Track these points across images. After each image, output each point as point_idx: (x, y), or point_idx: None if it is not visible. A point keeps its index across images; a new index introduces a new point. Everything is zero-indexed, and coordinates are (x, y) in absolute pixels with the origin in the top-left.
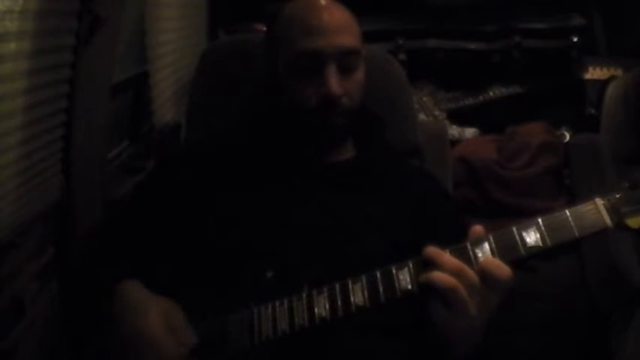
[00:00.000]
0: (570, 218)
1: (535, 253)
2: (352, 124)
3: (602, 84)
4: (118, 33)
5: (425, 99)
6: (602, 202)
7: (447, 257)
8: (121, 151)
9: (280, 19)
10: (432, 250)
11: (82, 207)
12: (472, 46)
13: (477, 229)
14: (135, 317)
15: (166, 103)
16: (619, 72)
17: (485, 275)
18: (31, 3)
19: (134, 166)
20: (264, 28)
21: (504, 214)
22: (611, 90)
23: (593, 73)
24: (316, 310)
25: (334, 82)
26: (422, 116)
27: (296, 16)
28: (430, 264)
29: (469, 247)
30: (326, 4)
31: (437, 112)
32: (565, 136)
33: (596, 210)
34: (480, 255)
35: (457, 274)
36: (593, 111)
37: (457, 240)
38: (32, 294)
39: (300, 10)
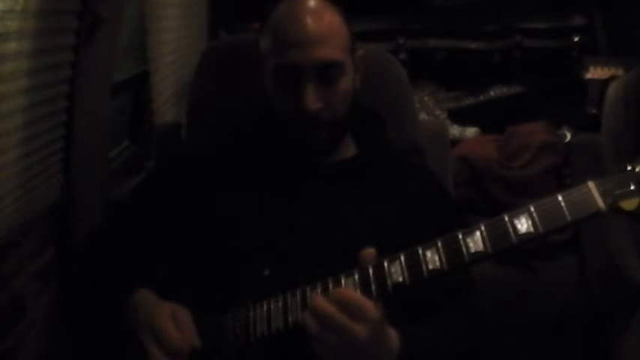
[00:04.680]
0: (563, 203)
1: (527, 240)
2: (337, 135)
3: (603, 84)
4: (119, 32)
5: (426, 98)
6: (595, 185)
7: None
8: (121, 151)
9: (264, 27)
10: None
11: (83, 206)
12: (473, 45)
13: (367, 252)
14: (146, 312)
15: (167, 102)
16: (620, 72)
17: (345, 306)
18: (31, 3)
19: (134, 165)
20: None
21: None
22: (611, 90)
23: (594, 73)
24: (309, 306)
25: (310, 97)
26: (423, 116)
27: (275, 26)
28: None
29: (460, 237)
30: (306, 12)
31: (438, 112)
32: (566, 136)
33: (589, 193)
34: (471, 245)
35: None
36: (593, 110)
37: None
38: (33, 293)
39: (279, 19)
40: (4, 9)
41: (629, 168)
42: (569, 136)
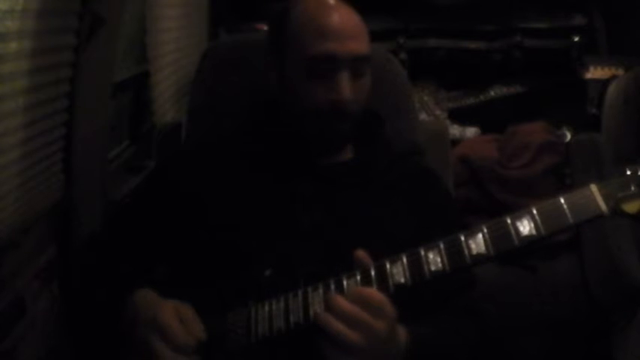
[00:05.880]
0: (565, 206)
1: (530, 242)
2: (355, 128)
3: (603, 83)
4: (118, 32)
5: (426, 98)
6: (597, 188)
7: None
8: (121, 151)
9: (290, 19)
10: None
11: (83, 206)
12: (473, 45)
13: (361, 254)
14: (148, 310)
15: (167, 102)
16: (620, 71)
17: (365, 302)
18: (32, 3)
19: (135, 165)
20: (266, 27)
21: (505, 214)
22: (611, 89)
23: (594, 73)
24: (311, 307)
25: (347, 88)
26: (423, 115)
27: (309, 17)
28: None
29: (462, 238)
30: (338, 7)
31: (438, 112)
32: (566, 136)
33: (591, 196)
34: (473, 247)
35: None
36: (594, 110)
37: None
38: (33, 293)
39: (312, 11)
40: (4, 9)
41: (630, 171)
42: (569, 136)
